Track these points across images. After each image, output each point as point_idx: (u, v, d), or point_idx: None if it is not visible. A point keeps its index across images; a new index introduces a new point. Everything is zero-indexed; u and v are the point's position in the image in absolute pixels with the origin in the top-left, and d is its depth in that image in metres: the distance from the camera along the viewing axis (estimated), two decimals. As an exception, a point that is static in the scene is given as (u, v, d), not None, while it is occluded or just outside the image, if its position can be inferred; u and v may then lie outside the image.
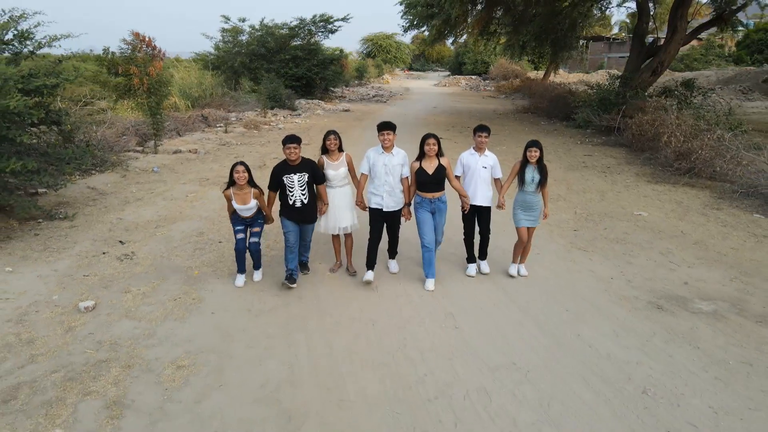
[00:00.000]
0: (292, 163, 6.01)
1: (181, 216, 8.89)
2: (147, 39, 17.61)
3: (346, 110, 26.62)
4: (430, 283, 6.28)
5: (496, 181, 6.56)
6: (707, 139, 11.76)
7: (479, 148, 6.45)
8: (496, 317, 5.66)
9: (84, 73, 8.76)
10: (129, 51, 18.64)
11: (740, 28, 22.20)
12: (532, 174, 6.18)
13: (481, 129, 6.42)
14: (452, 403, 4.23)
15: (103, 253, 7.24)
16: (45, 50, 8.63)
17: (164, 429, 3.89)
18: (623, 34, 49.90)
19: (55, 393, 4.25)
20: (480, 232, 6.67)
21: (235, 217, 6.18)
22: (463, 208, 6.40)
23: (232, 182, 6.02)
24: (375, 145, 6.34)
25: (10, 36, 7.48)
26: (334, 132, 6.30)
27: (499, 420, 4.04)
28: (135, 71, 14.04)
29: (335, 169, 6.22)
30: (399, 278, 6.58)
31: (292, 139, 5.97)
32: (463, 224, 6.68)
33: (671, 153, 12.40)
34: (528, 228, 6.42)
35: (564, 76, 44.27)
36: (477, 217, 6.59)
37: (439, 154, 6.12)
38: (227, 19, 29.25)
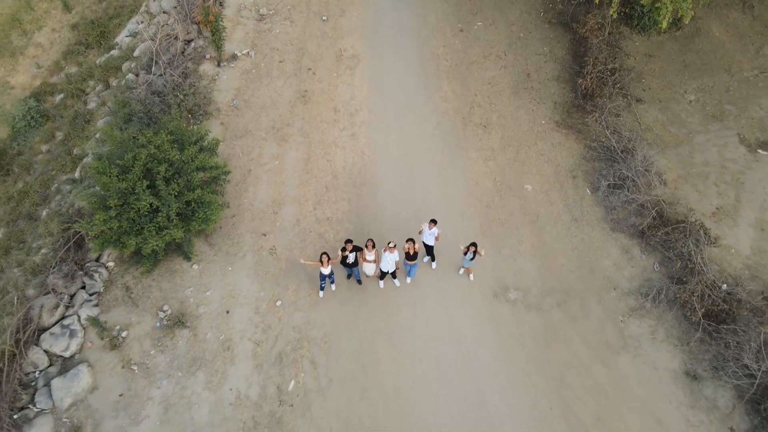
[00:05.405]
0: (349, 249, 14.24)
1: (281, 198, 16.67)
2: None
3: None
4: (409, 279, 15.49)
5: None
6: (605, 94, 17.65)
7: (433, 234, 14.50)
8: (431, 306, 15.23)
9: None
10: None
11: None
12: (468, 257, 14.38)
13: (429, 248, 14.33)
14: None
15: (261, 247, 15.87)
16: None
17: (329, 365, 14.24)
18: None
19: (294, 355, 14.39)
20: (428, 253, 15.34)
21: (320, 276, 14.63)
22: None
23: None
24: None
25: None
26: (371, 240, 14.13)
27: (422, 366, 14.45)
28: None
29: (370, 258, 14.39)
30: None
31: (348, 241, 14.06)
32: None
33: (583, 89, 18.15)
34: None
35: None
36: (427, 249, 15.17)
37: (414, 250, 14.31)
38: None
